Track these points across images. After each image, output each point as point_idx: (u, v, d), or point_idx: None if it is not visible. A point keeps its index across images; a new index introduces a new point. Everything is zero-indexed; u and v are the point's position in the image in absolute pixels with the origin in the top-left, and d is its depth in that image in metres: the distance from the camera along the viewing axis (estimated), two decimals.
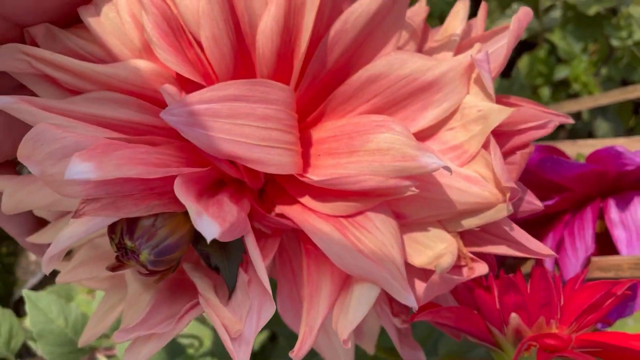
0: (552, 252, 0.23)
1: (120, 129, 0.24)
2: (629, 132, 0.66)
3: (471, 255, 0.24)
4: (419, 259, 0.23)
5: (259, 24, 0.23)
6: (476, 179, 0.23)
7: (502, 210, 0.22)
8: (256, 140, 0.22)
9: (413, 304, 0.22)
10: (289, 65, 0.24)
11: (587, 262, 0.33)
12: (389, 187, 0.21)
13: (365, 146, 0.22)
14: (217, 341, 0.52)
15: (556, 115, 0.25)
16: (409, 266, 0.23)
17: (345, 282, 0.24)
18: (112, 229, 0.21)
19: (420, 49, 0.28)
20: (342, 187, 0.22)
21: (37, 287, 0.69)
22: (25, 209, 0.24)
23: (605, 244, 0.35)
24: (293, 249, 0.27)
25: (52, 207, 0.24)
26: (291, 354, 0.22)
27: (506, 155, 0.25)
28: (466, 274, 0.24)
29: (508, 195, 0.22)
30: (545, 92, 0.61)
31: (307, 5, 0.23)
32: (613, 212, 0.33)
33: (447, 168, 0.20)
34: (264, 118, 0.22)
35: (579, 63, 0.57)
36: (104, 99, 0.24)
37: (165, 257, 0.21)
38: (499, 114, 0.22)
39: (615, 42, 0.55)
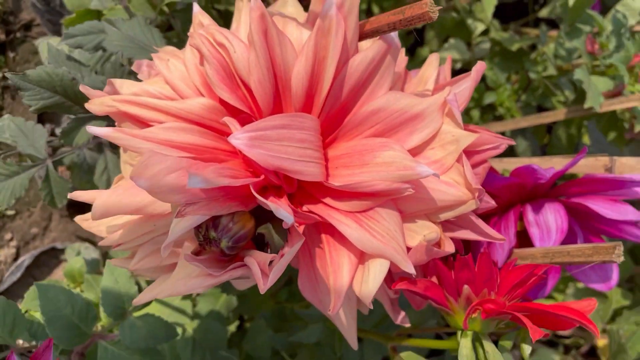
0: (503, 237, 0.33)
1: (187, 150, 0.31)
2: (543, 147, 0.78)
3: (447, 239, 0.33)
4: (411, 242, 0.32)
5: (291, 71, 0.32)
6: (452, 184, 0.32)
7: (472, 205, 0.31)
8: (297, 157, 0.30)
9: (412, 271, 0.30)
10: (312, 101, 0.33)
11: (510, 252, 0.42)
12: (393, 189, 0.30)
13: (374, 160, 0.31)
14: (197, 328, 0.59)
15: (504, 139, 0.35)
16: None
17: (359, 261, 0.32)
18: (198, 226, 0.29)
19: (402, 89, 0.37)
20: (358, 189, 0.30)
21: (17, 284, 0.72)
22: (113, 215, 0.31)
23: (523, 239, 0.45)
24: (312, 240, 0.35)
25: (138, 212, 0.31)
26: (328, 311, 0.30)
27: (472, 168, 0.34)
28: (441, 250, 0.32)
29: (477, 194, 0.31)
30: (476, 113, 0.72)
31: (328, 60, 0.31)
32: (530, 215, 0.43)
33: (435, 175, 0.29)
34: (302, 140, 0.30)
35: (503, 91, 0.68)
36: (175, 128, 0.31)
37: (239, 244, 0.29)
38: (468, 138, 0.32)
39: (532, 75, 0.66)
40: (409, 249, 0.32)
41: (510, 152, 0.75)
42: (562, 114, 0.59)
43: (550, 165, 0.44)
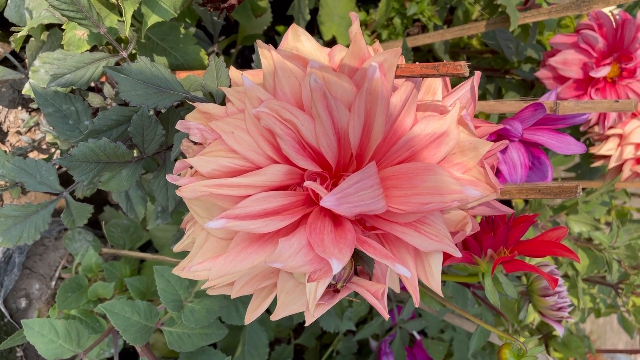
0: (511, 210, 0.44)
1: (278, 212, 0.37)
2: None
3: (472, 219, 0.43)
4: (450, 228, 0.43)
5: (347, 126, 0.38)
6: (476, 182, 0.41)
7: (493, 196, 0.42)
8: (371, 199, 0.38)
9: (460, 255, 0.41)
10: (367, 143, 0.39)
11: None
12: (445, 207, 0.39)
13: (423, 184, 0.39)
14: None
15: (494, 125, 0.44)
16: None
17: (415, 255, 0.42)
18: None
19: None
20: (418, 211, 0.39)
21: (18, 281, 0.74)
22: (230, 276, 0.38)
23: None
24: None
25: (252, 271, 0.38)
26: (414, 300, 0.40)
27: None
28: (468, 231, 0.43)
29: (499, 189, 0.41)
30: (397, 21, 0.78)
31: (377, 114, 0.37)
32: (498, 155, 0.54)
33: (480, 195, 0.38)
34: (371, 186, 0.38)
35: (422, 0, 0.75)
36: (265, 197, 0.37)
37: (347, 282, 0.37)
38: (484, 146, 0.41)
39: None
40: None
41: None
42: (482, 27, 0.68)
43: (505, 107, 0.54)
